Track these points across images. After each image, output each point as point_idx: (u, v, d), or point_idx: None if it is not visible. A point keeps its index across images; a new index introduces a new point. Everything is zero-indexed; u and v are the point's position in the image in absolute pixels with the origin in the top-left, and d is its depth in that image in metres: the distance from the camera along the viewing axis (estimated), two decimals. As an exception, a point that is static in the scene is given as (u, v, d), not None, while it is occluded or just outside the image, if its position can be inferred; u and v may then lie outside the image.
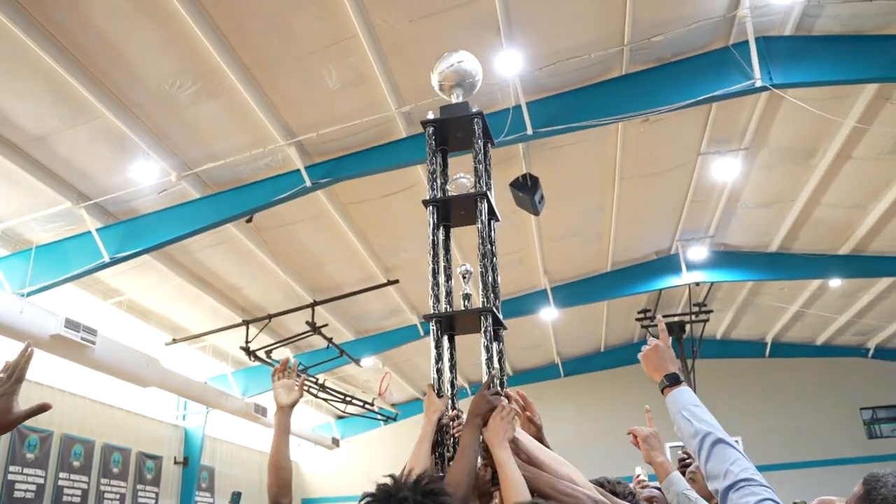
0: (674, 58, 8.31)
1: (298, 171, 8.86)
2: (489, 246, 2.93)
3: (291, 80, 7.98)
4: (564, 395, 18.15)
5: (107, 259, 8.96)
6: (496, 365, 2.73)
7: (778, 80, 7.82)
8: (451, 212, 3.03)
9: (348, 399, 15.20)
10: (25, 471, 10.19)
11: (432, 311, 2.82)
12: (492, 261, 2.93)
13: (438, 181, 3.04)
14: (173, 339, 12.73)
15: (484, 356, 2.72)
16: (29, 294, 8.83)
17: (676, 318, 14.93)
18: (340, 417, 19.48)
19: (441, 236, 2.97)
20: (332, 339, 12.16)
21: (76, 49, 7.03)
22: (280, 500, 2.53)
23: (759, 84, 7.80)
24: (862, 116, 9.14)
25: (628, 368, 18.92)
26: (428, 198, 2.95)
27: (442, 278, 2.92)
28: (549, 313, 14.43)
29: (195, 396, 13.32)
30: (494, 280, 2.94)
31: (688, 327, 14.83)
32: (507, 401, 2.55)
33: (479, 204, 2.89)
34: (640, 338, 18.58)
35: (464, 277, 3.11)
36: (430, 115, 3.06)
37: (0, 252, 9.14)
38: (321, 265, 12.06)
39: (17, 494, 10.02)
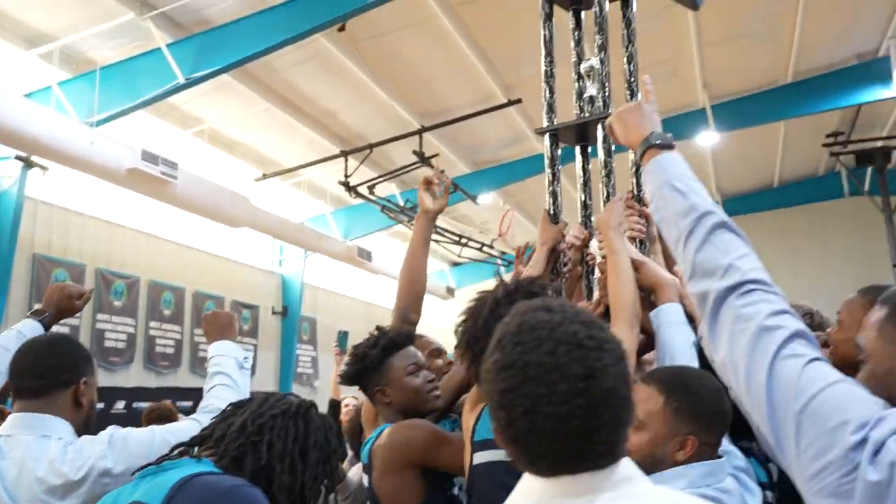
0: None
1: (398, -38, 8.50)
2: (623, 30, 2.84)
3: None
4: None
5: (181, 79, 9.01)
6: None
7: None
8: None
9: (464, 241, 15.36)
10: (114, 319, 11.04)
11: (545, 124, 2.90)
12: (626, 49, 2.83)
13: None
14: (263, 175, 13.05)
15: (602, 173, 2.77)
16: (98, 123, 9.05)
17: (880, 144, 13.84)
18: (456, 264, 19.90)
19: (552, 31, 2.95)
20: (443, 171, 12.09)
21: None
22: (409, 315, 2.68)
23: None
24: None
25: (810, 207, 18.19)
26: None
27: (573, 82, 2.88)
28: (707, 138, 13.75)
29: (291, 238, 13.78)
30: (631, 74, 2.82)
31: (894, 155, 13.77)
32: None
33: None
34: (828, 169, 17.58)
35: (588, 76, 2.89)
36: None
37: (61, 75, 9.32)
38: (428, 83, 11.85)
39: (108, 344, 10.93)
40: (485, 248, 16.11)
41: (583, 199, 2.89)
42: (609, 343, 1.19)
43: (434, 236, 15.36)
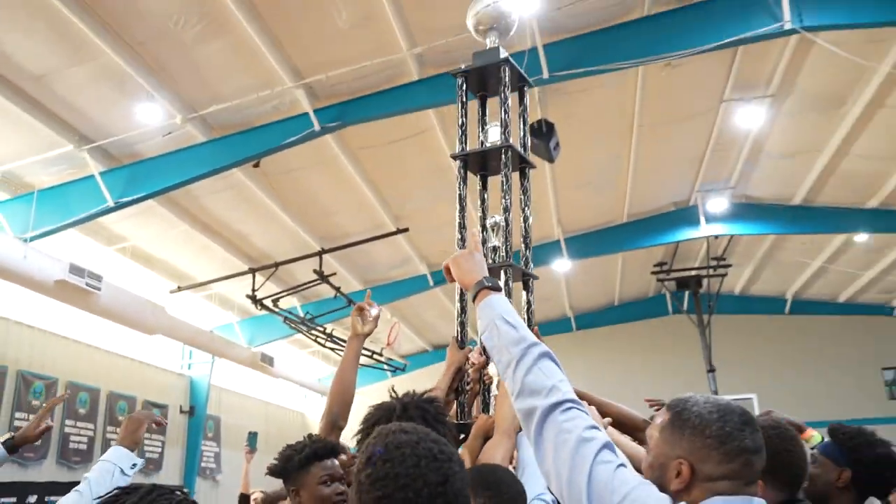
0: (698, -2, 8.22)
1: (307, 114, 8.84)
2: (520, 195, 3.06)
3: (300, 18, 7.94)
4: (577, 349, 18.31)
5: (111, 203, 9.04)
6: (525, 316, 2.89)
7: (809, 21, 7.62)
8: (486, 162, 3.08)
9: (356, 350, 15.39)
10: (32, 417, 10.48)
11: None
12: (523, 211, 3.05)
13: (468, 133, 3.07)
14: (178, 287, 12.92)
15: None
16: (32, 239, 8.96)
17: (693, 273, 14.98)
18: (347, 369, 19.76)
19: (467, 190, 3.02)
20: (339, 288, 12.29)
21: (78, -16, 7.04)
22: (339, 422, 2.67)
23: (788, 27, 7.60)
24: (898, 62, 9.01)
25: (643, 323, 19.21)
26: (456, 151, 3.04)
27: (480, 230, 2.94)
28: (561, 265, 14.50)
29: (201, 345, 13.60)
30: (526, 231, 3.08)
31: (705, 282, 14.89)
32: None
33: (504, 157, 2.93)
34: (656, 292, 18.70)
35: (493, 229, 3.14)
36: (463, 66, 3.13)
37: (1, 196, 9.27)
38: (329, 213, 12.12)
39: (25, 439, 10.32)
40: (374, 356, 16.19)
41: None
42: (454, 456, 1.39)
43: (330, 345, 15.20)
